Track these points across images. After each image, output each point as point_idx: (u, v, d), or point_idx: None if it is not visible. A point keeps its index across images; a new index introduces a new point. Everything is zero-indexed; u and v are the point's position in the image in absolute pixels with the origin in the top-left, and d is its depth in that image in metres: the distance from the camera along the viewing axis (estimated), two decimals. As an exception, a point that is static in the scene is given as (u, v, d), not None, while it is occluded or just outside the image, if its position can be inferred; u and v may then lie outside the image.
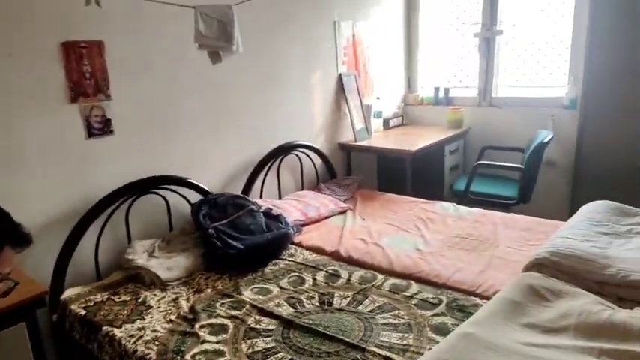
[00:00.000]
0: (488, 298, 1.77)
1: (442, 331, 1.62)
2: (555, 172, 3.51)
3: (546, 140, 3.03)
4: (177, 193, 2.38)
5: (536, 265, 1.84)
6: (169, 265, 2.09)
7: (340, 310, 1.81)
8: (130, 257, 2.08)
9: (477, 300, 1.81)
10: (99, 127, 2.13)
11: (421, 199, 2.97)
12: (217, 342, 1.63)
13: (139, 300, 1.91)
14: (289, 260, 2.24)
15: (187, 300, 1.91)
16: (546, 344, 1.40)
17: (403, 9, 3.99)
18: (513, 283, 1.71)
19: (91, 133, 2.11)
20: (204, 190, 2.48)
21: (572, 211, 2.35)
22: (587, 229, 2.03)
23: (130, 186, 2.20)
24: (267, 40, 2.82)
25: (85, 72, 2.07)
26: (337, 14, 3.28)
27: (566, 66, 3.42)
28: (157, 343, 1.63)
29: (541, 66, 3.61)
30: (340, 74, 3.38)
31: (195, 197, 2.43)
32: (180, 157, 2.46)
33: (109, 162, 2.17)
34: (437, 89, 4.01)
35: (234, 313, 1.80)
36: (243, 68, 2.68)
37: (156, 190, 2.31)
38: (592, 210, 2.24)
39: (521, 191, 3.12)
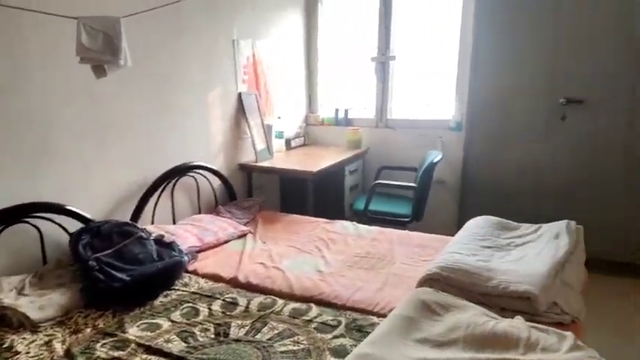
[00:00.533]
0: (385, 316, 1.78)
1: (340, 353, 1.60)
2: (445, 189, 3.74)
3: (436, 160, 3.22)
4: (53, 221, 2.13)
5: (428, 281, 1.91)
6: (41, 304, 1.84)
7: (237, 340, 1.72)
8: (-7, 297, 1.80)
9: (375, 319, 1.82)
10: (-47, 149, 1.84)
11: (323, 219, 2.98)
12: (95, 389, 1.45)
13: (4, 346, 1.65)
14: (183, 290, 2.10)
15: (63, 342, 1.69)
16: (437, 358, 1.43)
17: (303, 30, 4.06)
18: (407, 299, 1.75)
19: (-59, 156, 1.81)
20: (86, 217, 2.25)
21: (460, 226, 2.50)
22: (473, 244, 2.16)
23: (-7, 215, 1.92)
24: (161, 56, 2.68)
25: None
26: (236, 32, 3.23)
27: (453, 91, 3.69)
28: (20, 397, 1.41)
29: (430, 90, 3.86)
30: (240, 93, 3.32)
31: (75, 226, 2.19)
32: (57, 180, 2.21)
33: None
34: (337, 110, 4.11)
35: (117, 354, 1.63)
36: (132, 83, 2.51)
37: (27, 219, 2.05)
38: (476, 225, 2.39)
39: (414, 209, 3.27)
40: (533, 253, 2.05)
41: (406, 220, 3.28)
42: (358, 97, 4.15)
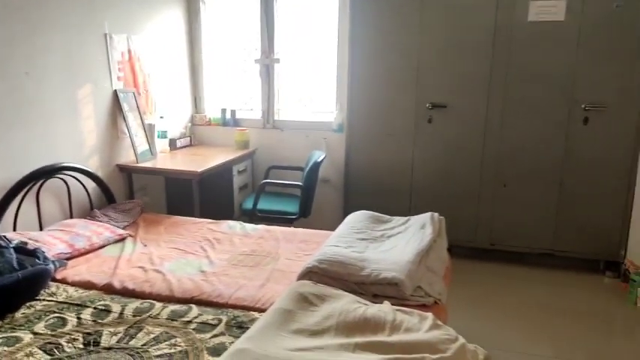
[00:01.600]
0: (266, 311, 1.82)
1: (219, 351, 1.60)
2: (330, 187, 3.90)
3: (319, 160, 3.34)
4: None
5: (308, 274, 1.99)
6: None
7: (108, 349, 1.63)
8: None
9: (256, 315, 1.85)
10: None
11: (209, 220, 2.94)
12: None
13: None
14: (49, 300, 1.93)
15: None
16: (311, 347, 1.50)
17: (185, 27, 3.95)
18: (286, 293, 1.81)
19: None
20: None
21: (345, 221, 2.63)
22: (350, 237, 2.30)
23: None
24: (18, 49, 2.43)
25: None
26: (108, 26, 3.04)
27: (334, 95, 3.86)
28: None
29: (315, 92, 4.00)
30: (116, 90, 3.13)
31: None
32: None
33: None
34: (224, 110, 4.07)
35: (-35, 375, 1.46)
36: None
37: None
38: (354, 219, 2.54)
39: (301, 206, 3.37)
40: (402, 243, 2.23)
41: (294, 217, 3.36)
42: (245, 97, 4.15)
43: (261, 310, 1.88)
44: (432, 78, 3.50)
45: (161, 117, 3.63)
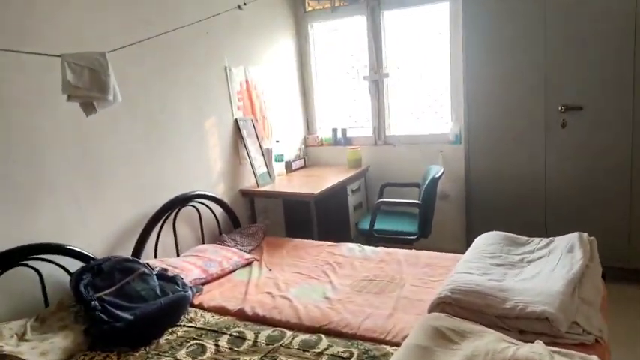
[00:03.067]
0: (398, 344, 1.72)
1: (355, 388, 1.54)
2: (450, 204, 3.69)
3: (438, 175, 3.17)
4: (53, 262, 2.08)
5: (440, 304, 1.85)
6: (44, 349, 1.78)
7: (246, 378, 1.66)
8: (-7, 346, 1.75)
9: (388, 348, 1.76)
10: (-53, 195, 1.81)
11: (328, 242, 2.93)
12: None
13: (3, 399, 1.60)
14: (188, 326, 2.03)
15: (66, 390, 1.63)
16: (457, 392, 1.37)
17: (295, 53, 4.06)
18: (419, 326, 1.69)
19: (-64, 202, 1.78)
20: (87, 255, 2.20)
21: (469, 240, 2.44)
22: (482, 262, 2.11)
23: (-11, 261, 1.88)
24: (151, 88, 2.66)
25: None
26: (227, 60, 3.22)
27: (449, 104, 3.67)
28: None
29: (427, 105, 3.84)
30: (236, 119, 3.29)
31: (75, 265, 2.14)
32: (52, 221, 2.16)
33: (-38, 234, 1.84)
34: (335, 130, 4.09)
35: (122, 399, 1.57)
36: (124, 116, 2.49)
37: (25, 262, 2.00)
38: (484, 242, 2.34)
39: (421, 226, 3.22)
40: (547, 270, 1.99)
41: (413, 238, 3.23)
42: (355, 115, 4.13)
43: (393, 344, 1.78)
44: (563, 77, 3.13)
45: (277, 141, 3.74)
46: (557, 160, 3.25)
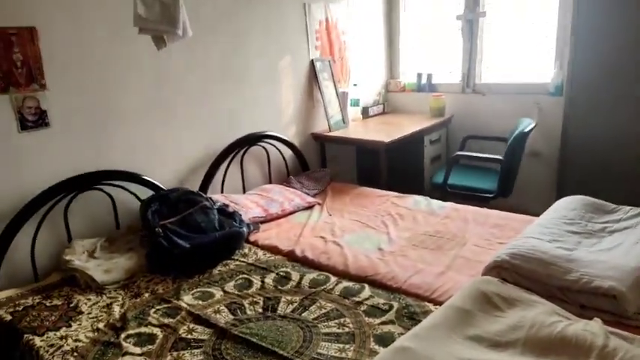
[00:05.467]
0: (441, 303, 1.62)
1: (386, 342, 1.48)
2: (540, 163, 3.34)
3: (527, 129, 2.86)
4: (125, 189, 2.25)
5: (496, 268, 1.70)
6: (108, 267, 1.96)
7: (283, 317, 1.68)
8: (67, 258, 1.96)
9: (430, 306, 1.67)
10: (33, 120, 1.99)
11: (394, 193, 2.82)
12: (141, 354, 1.50)
13: (71, 305, 1.79)
14: (241, 261, 2.11)
15: (122, 306, 1.79)
16: (488, 362, 1.26)
17: (382, -9, 3.80)
18: (466, 288, 1.57)
19: (24, 126, 1.97)
20: (157, 185, 2.35)
21: (555, 206, 2.18)
22: (557, 228, 1.88)
23: (69, 181, 2.07)
24: (226, 23, 2.65)
25: (15, 60, 1.92)
26: (307, -4, 3.10)
27: (553, 51, 3.22)
28: (75, 354, 1.51)
29: (527, 50, 3.42)
30: (312, 60, 3.21)
31: (146, 194, 2.29)
32: (128, 150, 2.31)
33: (46, 156, 2.04)
34: (419, 75, 3.83)
35: (167, 321, 1.68)
36: (199, 54, 2.53)
37: (100, 187, 2.18)
38: (565, 206, 2.08)
39: (501, 183, 2.96)
40: (630, 242, 1.73)
41: (490, 196, 2.99)
42: (443, 60, 3.81)
43: (437, 302, 1.69)
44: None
45: (355, 84, 3.60)
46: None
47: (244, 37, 2.76)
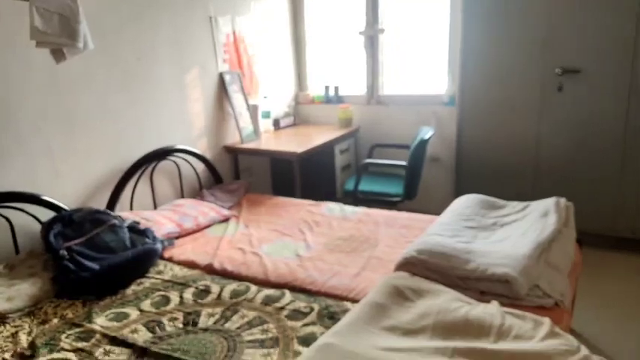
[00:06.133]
0: (359, 301, 1.71)
1: (309, 342, 1.53)
2: (440, 167, 3.64)
3: (427, 137, 3.10)
4: (24, 211, 2.09)
5: (406, 264, 1.83)
6: (10, 295, 1.80)
7: (205, 330, 1.67)
8: (-42, 290, 1.77)
9: (349, 305, 1.75)
10: None
11: (309, 201, 2.91)
12: (53, 383, 1.41)
13: (-33, 340, 1.63)
14: (156, 278, 2.05)
15: (29, 334, 1.66)
16: (404, 348, 1.36)
17: (288, 5, 3.90)
18: (380, 284, 1.68)
19: None
20: (58, 206, 2.20)
21: (455, 205, 2.39)
22: (455, 224, 2.07)
23: (-44, 207, 1.88)
24: (129, 36, 2.57)
25: None
26: (213, 9, 3.10)
27: (446, 65, 3.54)
28: (-24, 392, 1.38)
29: (423, 64, 3.72)
30: (221, 73, 3.21)
31: (47, 216, 2.14)
32: (24, 171, 2.15)
33: None
34: (327, 88, 3.99)
35: (80, 345, 1.59)
36: (101, 66, 2.43)
37: (-5, 209, 2.00)
38: (462, 204, 2.30)
39: (406, 188, 3.17)
40: (518, 233, 1.96)
41: (398, 199, 3.19)
42: (348, 73, 4.01)
43: (355, 301, 1.78)
44: (562, 39, 3.00)
45: (265, 97, 3.66)
46: (551, 125, 3.16)
47: (149, 49, 2.70)
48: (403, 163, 3.16)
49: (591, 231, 3.01)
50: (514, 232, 1.97)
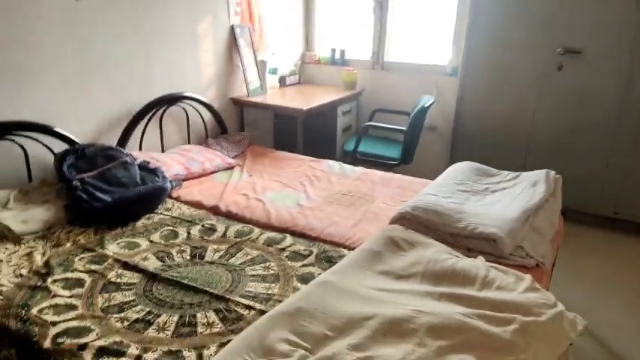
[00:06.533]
0: (355, 249, 1.85)
1: (307, 280, 1.66)
2: (436, 135, 3.74)
3: (427, 105, 3.19)
4: (39, 141, 2.16)
5: (400, 219, 1.96)
6: (25, 218, 1.91)
7: (211, 263, 1.79)
8: (-23, 209, 1.87)
9: (345, 251, 1.88)
10: None
11: (310, 158, 3.01)
12: (70, 296, 1.54)
13: (-14, 255, 1.74)
14: (165, 214, 2.16)
15: (43, 254, 1.77)
16: (394, 289, 1.50)
17: (302, -37, 3.90)
18: (376, 235, 1.81)
19: None
20: (72, 140, 2.28)
21: (449, 172, 2.51)
22: (449, 187, 2.20)
23: (-24, 130, 1.96)
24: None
25: None
26: (229, -40, 3.11)
27: (451, 36, 3.59)
28: (0, 297, 1.50)
29: (429, 34, 3.76)
30: (232, 26, 3.24)
31: (59, 148, 2.22)
32: (40, 103, 2.21)
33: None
34: (333, 50, 4.03)
35: (93, 267, 1.71)
36: (117, 9, 2.46)
37: (11, 137, 2.08)
38: (457, 170, 2.42)
39: (403, 152, 3.28)
40: (508, 199, 2.08)
41: (394, 163, 3.30)
42: (356, 37, 4.04)
43: (351, 248, 1.90)
44: (568, 18, 3.06)
45: (273, 54, 3.69)
46: (548, 102, 3.26)
47: (162, -4, 2.72)
48: (403, 128, 3.25)
49: (575, 207, 3.17)
50: (504, 198, 2.10)
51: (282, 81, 3.82)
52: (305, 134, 3.31)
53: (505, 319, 1.35)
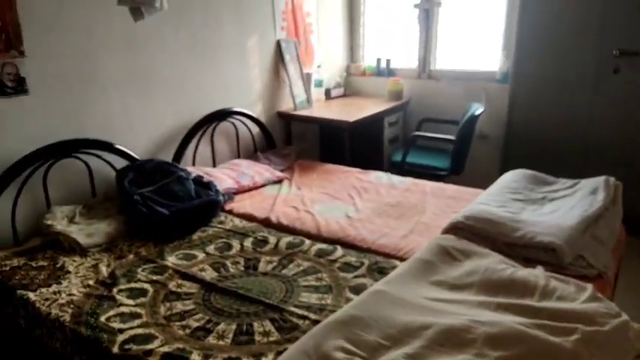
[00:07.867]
0: (406, 259, 1.83)
1: (360, 291, 1.66)
2: (487, 144, 3.65)
3: (477, 113, 3.13)
4: (101, 158, 2.29)
5: (453, 229, 1.93)
6: (90, 232, 2.03)
7: (265, 274, 1.83)
8: (49, 223, 2.00)
9: (397, 262, 1.87)
10: (12, 86, 2.00)
11: (358, 169, 3.01)
12: (135, 305, 1.61)
13: (57, 266, 1.85)
14: (218, 227, 2.22)
15: (108, 266, 1.87)
16: (449, 299, 1.48)
17: (346, -24, 3.95)
18: (428, 245, 1.79)
19: (3, 92, 1.98)
20: (131, 155, 2.40)
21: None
22: (503, 196, 2.14)
23: (46, 149, 2.10)
24: (197, 3, 2.71)
25: (-7, 26, 1.93)
26: (273, -25, 3.20)
27: (501, 41, 3.52)
28: (71, 306, 1.60)
29: (477, 40, 3.70)
30: (279, 40, 3.32)
31: (120, 163, 2.34)
32: (103, 120, 2.35)
33: (24, 123, 2.06)
34: (379, 60, 4.04)
35: (155, 277, 1.79)
36: (171, 28, 2.59)
37: (77, 155, 2.22)
38: (510, 179, 2.35)
39: (453, 162, 3.23)
40: (567, 208, 2.01)
41: (444, 173, 3.25)
42: (401, 46, 4.04)
43: (403, 259, 1.89)
44: (622, 19, 2.93)
45: (319, 66, 3.75)
46: (604, 107, 3.13)
47: (214, 14, 2.83)
48: (452, 137, 3.20)
49: (636, 215, 2.99)
50: (562, 206, 2.03)
51: (327, 93, 3.87)
52: (352, 146, 3.33)
53: (566, 328, 1.30)
